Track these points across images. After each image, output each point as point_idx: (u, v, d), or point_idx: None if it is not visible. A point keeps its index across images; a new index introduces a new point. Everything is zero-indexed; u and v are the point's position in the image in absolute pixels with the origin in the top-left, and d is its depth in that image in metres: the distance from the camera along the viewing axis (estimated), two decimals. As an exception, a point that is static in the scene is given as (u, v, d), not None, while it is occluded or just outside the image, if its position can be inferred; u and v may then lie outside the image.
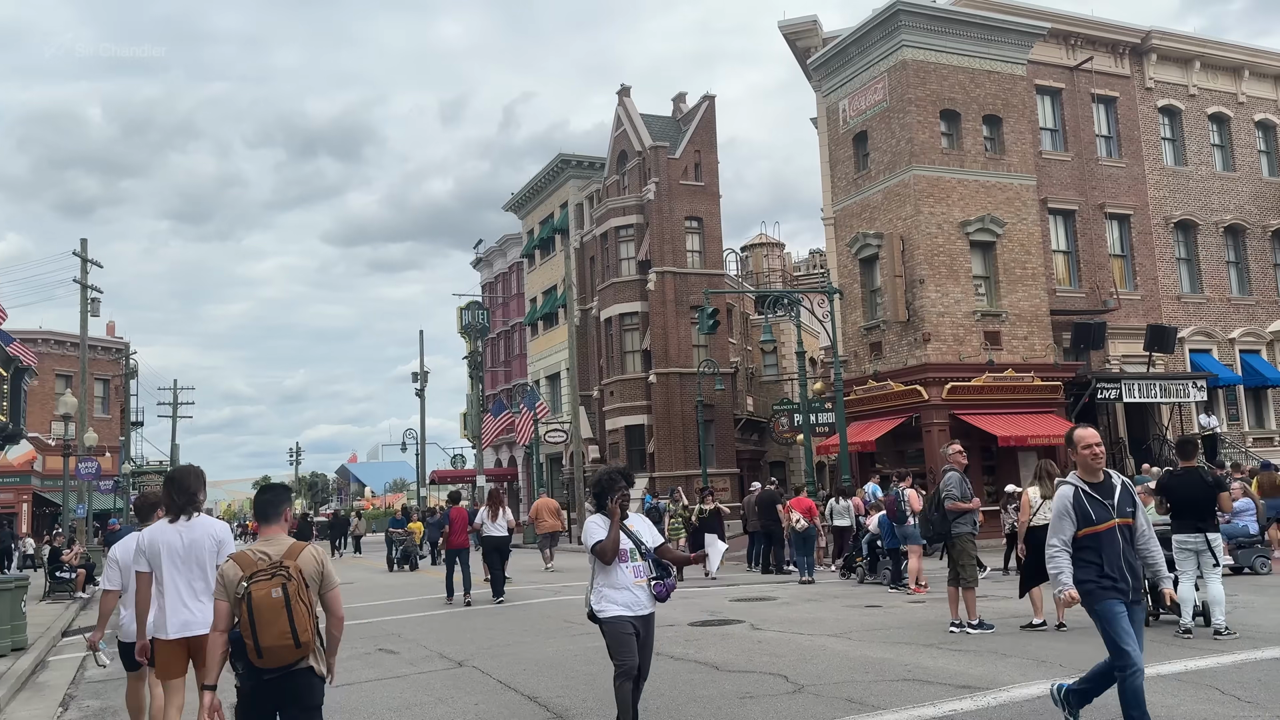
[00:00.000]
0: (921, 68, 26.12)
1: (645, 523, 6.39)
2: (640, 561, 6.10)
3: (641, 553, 6.12)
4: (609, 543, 5.99)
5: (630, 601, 6.03)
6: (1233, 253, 32.92)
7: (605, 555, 6.00)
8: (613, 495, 6.11)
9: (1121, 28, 31.28)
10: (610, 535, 6.01)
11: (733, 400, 40.86)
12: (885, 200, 26.47)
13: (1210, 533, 9.79)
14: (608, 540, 5.99)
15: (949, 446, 11.70)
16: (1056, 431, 24.84)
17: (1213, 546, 9.74)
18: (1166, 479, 10.33)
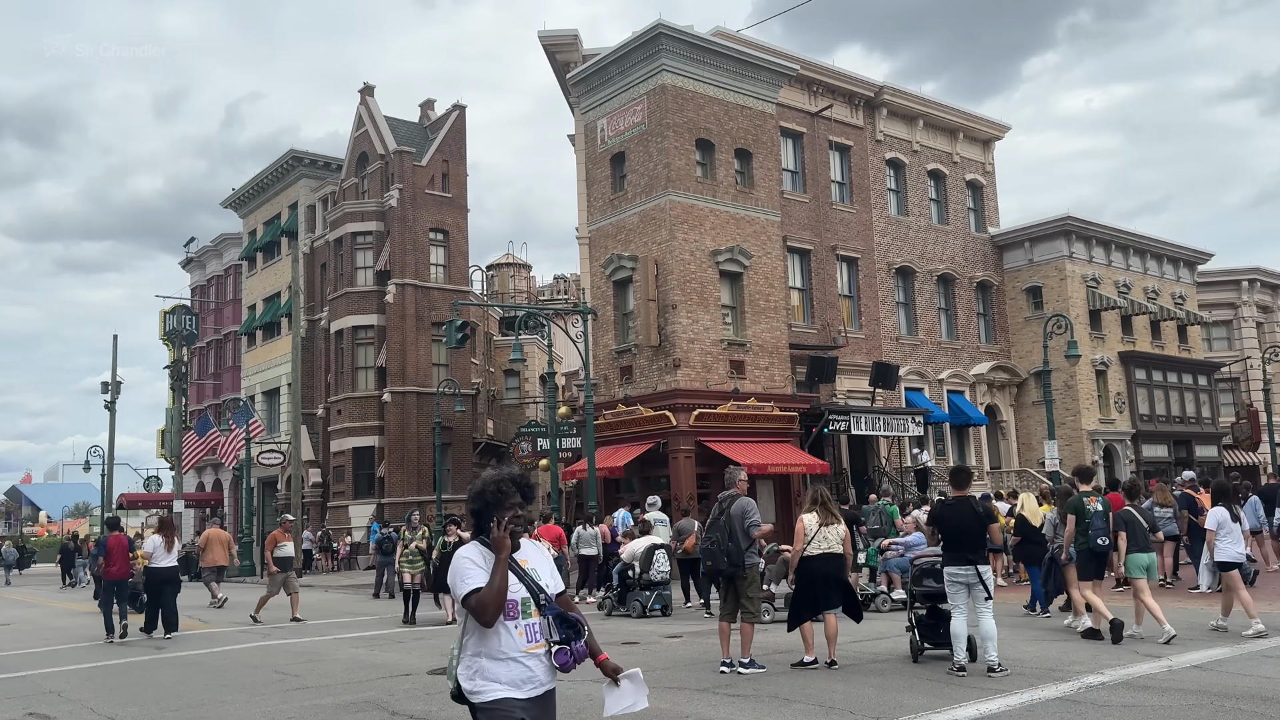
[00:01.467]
0: (680, 94, 26.12)
1: (542, 555, 4.19)
2: (537, 618, 3.97)
3: (540, 604, 3.97)
4: (492, 592, 3.78)
5: (520, 677, 3.94)
6: (943, 300, 35.74)
7: (485, 610, 3.79)
8: (500, 514, 3.90)
9: (858, 80, 33.21)
10: (495, 580, 3.81)
11: (472, 423, 39.12)
12: (641, 223, 26.13)
13: (981, 565, 9.58)
14: (490, 588, 3.79)
15: (738, 473, 10.92)
16: (793, 461, 25.40)
17: (984, 579, 9.53)
18: (939, 509, 10.08)
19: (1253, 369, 45.40)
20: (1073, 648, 11.14)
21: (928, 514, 10.43)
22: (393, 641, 14.46)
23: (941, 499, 10.56)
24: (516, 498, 3.91)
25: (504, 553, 3.75)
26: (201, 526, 49.55)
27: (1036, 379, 36.80)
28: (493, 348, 45.29)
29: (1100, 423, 36.96)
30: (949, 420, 33.99)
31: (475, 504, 3.99)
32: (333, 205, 41.55)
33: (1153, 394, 39.52)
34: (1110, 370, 37.82)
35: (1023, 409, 37.25)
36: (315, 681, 10.90)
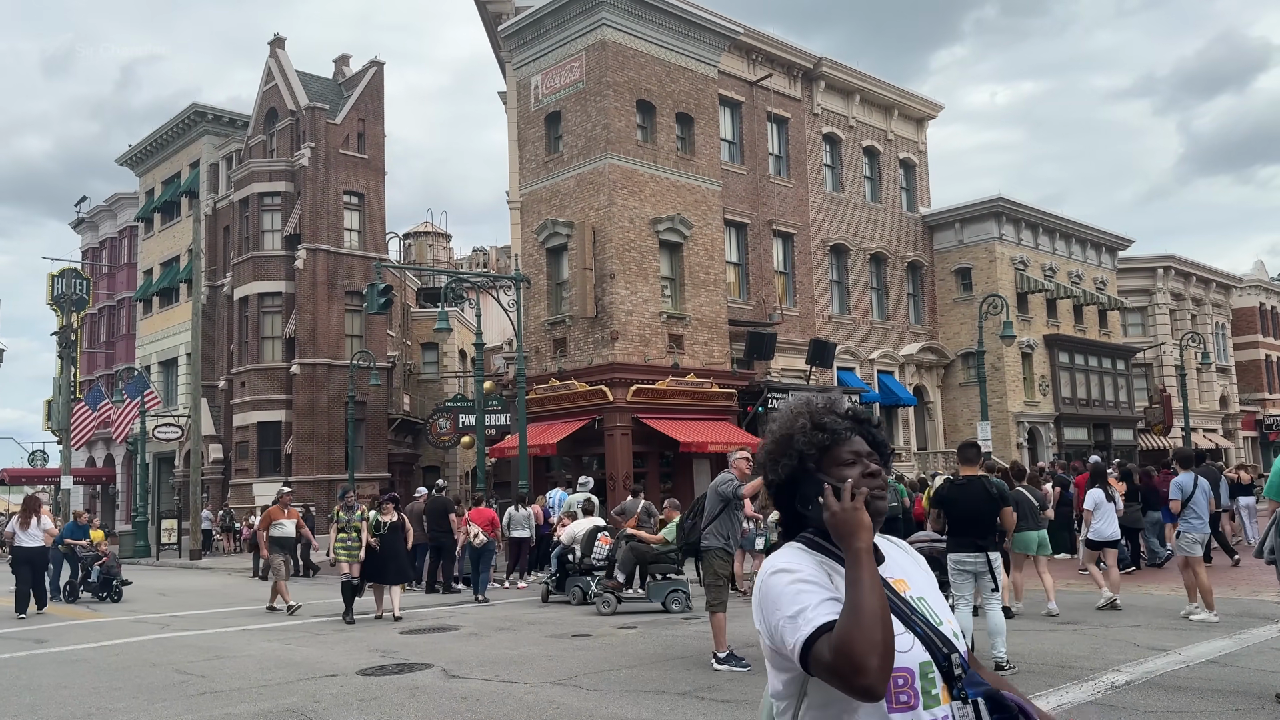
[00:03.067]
0: (621, 51, 24.77)
1: (924, 573, 2.14)
2: (947, 706, 1.85)
3: (951, 672, 1.87)
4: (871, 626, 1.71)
5: None
6: (875, 279, 35.29)
7: (865, 668, 1.68)
8: (834, 467, 1.98)
9: (797, 50, 32.33)
10: (865, 601, 1.73)
11: (388, 398, 37.20)
12: (578, 187, 24.75)
13: (991, 551, 8.65)
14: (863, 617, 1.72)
15: (735, 453, 9.80)
16: (733, 439, 24.45)
17: (993, 568, 8.61)
18: (946, 489, 9.08)
19: (1165, 354, 46.49)
20: (1065, 640, 10.38)
21: (933, 494, 9.43)
22: (310, 634, 12.95)
23: (950, 478, 9.59)
24: (858, 441, 1.99)
25: (865, 542, 1.78)
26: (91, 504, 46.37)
27: (964, 360, 36.79)
28: (410, 320, 43.30)
29: (1025, 405, 37.14)
30: (879, 400, 33.59)
31: (778, 460, 2.01)
32: (238, 164, 38.92)
33: (1074, 377, 39.96)
34: (1035, 353, 38.04)
35: (950, 390, 37.19)
36: (225, 684, 9.41)
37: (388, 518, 14.15)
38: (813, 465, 1.97)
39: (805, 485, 1.98)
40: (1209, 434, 48.65)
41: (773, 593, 1.84)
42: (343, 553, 14.18)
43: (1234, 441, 51.82)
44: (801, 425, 2.00)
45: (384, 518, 14.11)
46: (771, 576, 1.87)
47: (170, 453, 40.37)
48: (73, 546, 19.00)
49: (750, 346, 26.34)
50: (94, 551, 19.19)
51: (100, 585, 18.68)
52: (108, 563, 18.90)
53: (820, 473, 1.96)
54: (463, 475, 43.39)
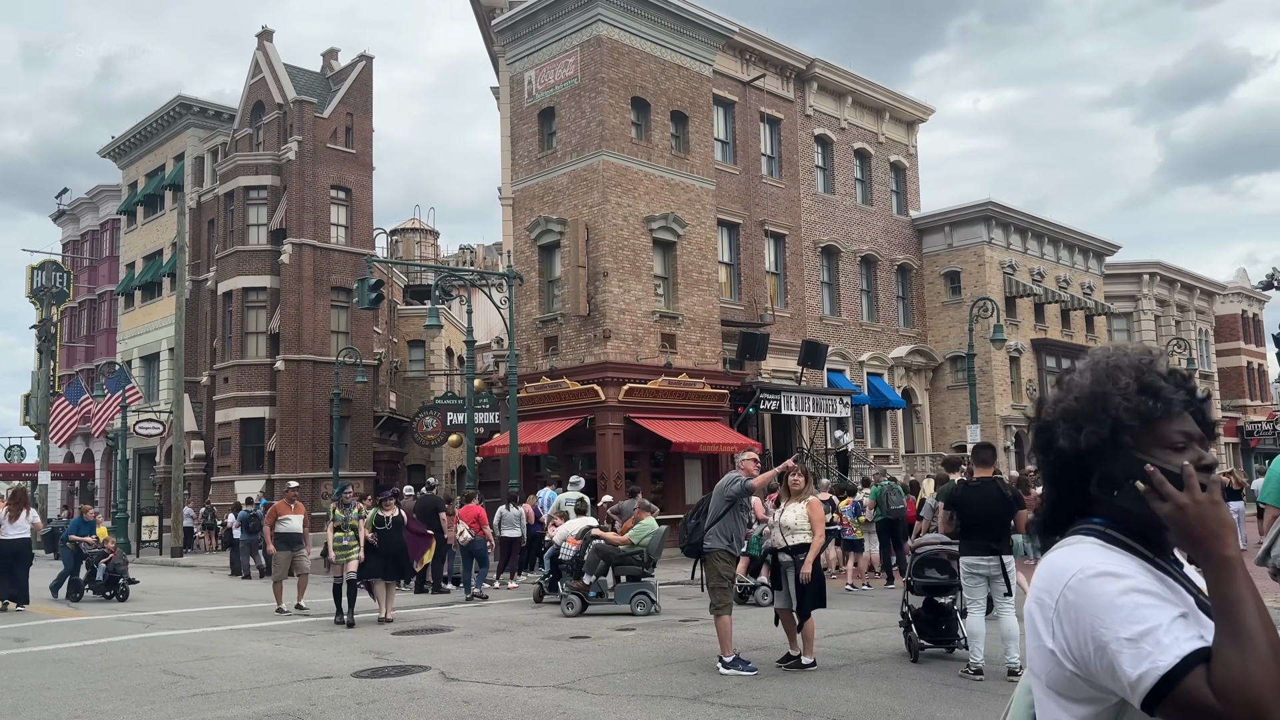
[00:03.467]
0: (616, 48, 24.57)
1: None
2: None
3: None
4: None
5: None
6: (865, 281, 35.24)
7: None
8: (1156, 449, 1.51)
9: (790, 51, 32.22)
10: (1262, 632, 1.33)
11: (373, 396, 36.82)
12: (571, 184, 24.52)
13: (1005, 555, 8.50)
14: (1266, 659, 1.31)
15: (744, 454, 9.60)
16: (725, 440, 24.32)
17: (1007, 571, 8.45)
18: (960, 491, 8.91)
19: (1149, 361, 46.63)
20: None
21: (947, 496, 9.27)
22: (300, 634, 12.67)
23: (963, 479, 9.43)
24: (1189, 420, 1.55)
25: (1234, 548, 1.41)
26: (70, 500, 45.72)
27: (952, 364, 36.81)
28: (396, 317, 42.92)
29: (1012, 409, 37.18)
30: (869, 402, 33.54)
31: (1080, 425, 1.56)
32: (224, 157, 38.44)
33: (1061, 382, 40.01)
34: (1023, 357, 38.10)
35: (938, 393, 37.19)
36: (215, 685, 9.14)
37: (389, 513, 13.64)
38: (1129, 439, 1.49)
39: (1114, 463, 1.49)
40: (1192, 440, 48.91)
41: (1097, 602, 1.39)
42: (340, 553, 13.53)
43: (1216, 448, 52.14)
44: (1124, 385, 1.51)
45: (385, 513, 13.62)
46: (1092, 580, 1.42)
47: (151, 449, 39.82)
48: (79, 544, 18.48)
49: (742, 347, 26.18)
50: (100, 549, 18.53)
51: (106, 584, 18.05)
52: (114, 560, 18.19)
53: (1138, 451, 1.48)
54: (449, 474, 43.03)
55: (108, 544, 18.98)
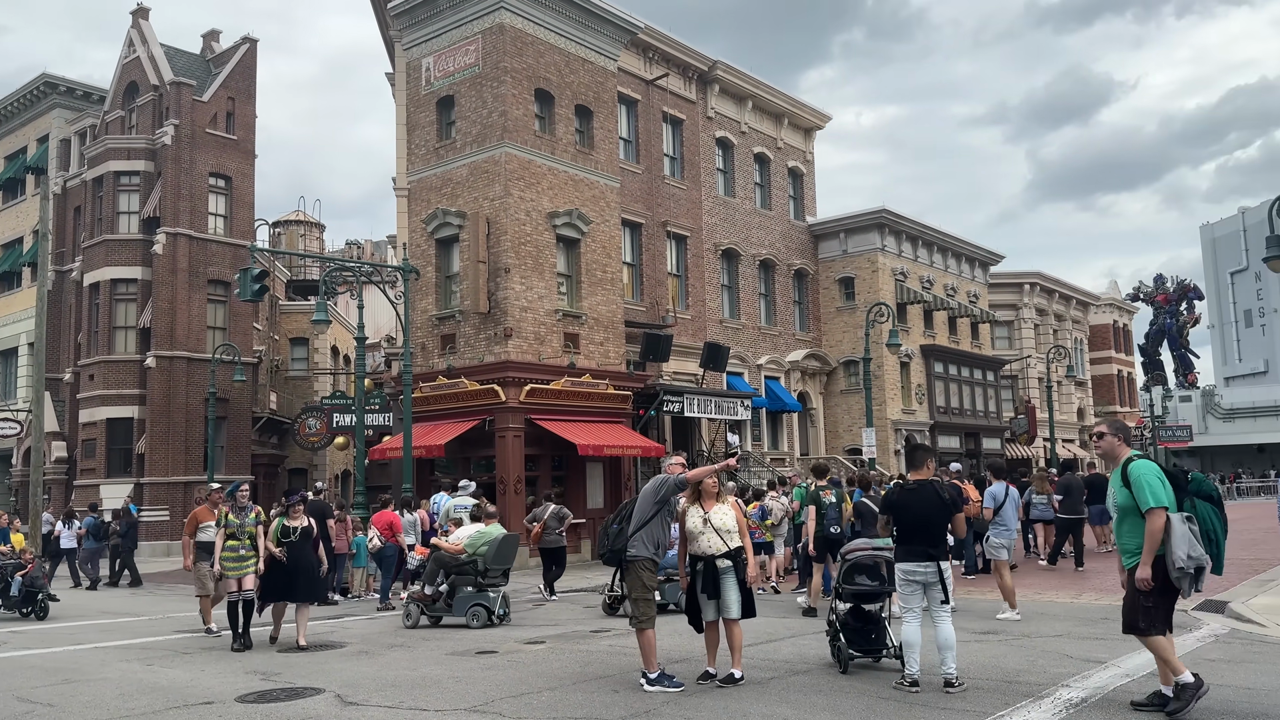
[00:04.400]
0: (520, 37, 23.81)
1: None
2: None
3: None
4: None
5: None
6: (764, 285, 35.35)
7: None
8: None
9: (693, 52, 32.04)
10: None
11: (252, 396, 34.92)
12: (471, 176, 23.61)
13: (942, 560, 8.19)
14: None
15: (671, 457, 9.07)
16: (629, 442, 23.82)
17: (945, 578, 8.14)
18: (896, 494, 8.56)
19: (1030, 367, 48.47)
20: (995, 652, 10.10)
21: (883, 499, 8.91)
22: (174, 653, 11.54)
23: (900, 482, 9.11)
24: None
25: None
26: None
27: (846, 368, 37.30)
28: (278, 313, 40.90)
29: (903, 413, 37.90)
30: (766, 405, 33.61)
31: None
32: (93, 140, 35.92)
33: (949, 387, 41.10)
34: (913, 363, 38.90)
35: (832, 396, 37.61)
36: (78, 713, 8.11)
37: (297, 522, 11.64)
38: None
39: None
40: (1067, 444, 51.00)
41: None
42: (231, 564, 11.64)
43: (1088, 452, 54.58)
44: None
45: (293, 522, 11.62)
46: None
47: (8, 450, 36.91)
48: None
49: (646, 348, 25.75)
50: (16, 560, 16.28)
51: (22, 600, 15.79)
52: (31, 573, 15.88)
53: None
54: (333, 478, 41.27)
55: (25, 554, 16.83)
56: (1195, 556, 6.70)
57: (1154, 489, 6.83)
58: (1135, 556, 6.93)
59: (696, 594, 8.58)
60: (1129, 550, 7.03)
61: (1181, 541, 6.70)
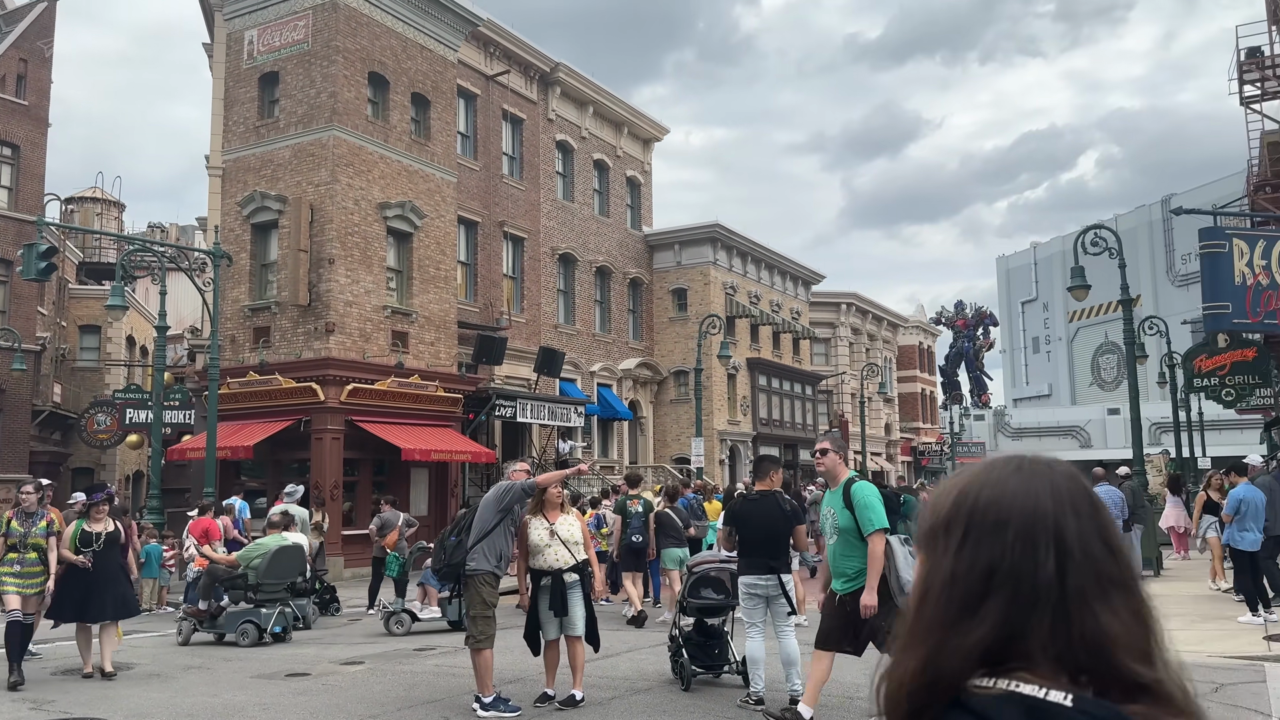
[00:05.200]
0: (354, 16, 22.52)
1: None
2: None
3: None
4: None
5: None
6: (599, 292, 35.11)
7: None
8: None
9: (536, 52, 31.46)
10: None
11: (34, 387, 31.51)
12: (295, 159, 22.09)
13: (784, 573, 7.96)
14: None
15: (515, 464, 8.44)
16: (457, 447, 22.89)
17: (788, 591, 7.92)
18: (739, 505, 8.31)
19: (845, 383, 50.50)
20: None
21: (725, 511, 8.62)
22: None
23: (742, 493, 8.84)
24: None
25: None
26: None
27: (676, 378, 37.57)
28: (67, 298, 37.26)
29: (728, 424, 38.55)
30: (598, 413, 33.33)
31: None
32: None
33: (771, 399, 42.17)
34: (739, 375, 39.65)
35: (661, 406, 37.79)
36: None
37: (100, 526, 9.84)
38: None
39: None
40: (874, 457, 53.47)
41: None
42: (11, 581, 9.41)
43: (894, 465, 57.48)
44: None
45: (95, 527, 9.82)
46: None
47: None
48: None
49: (479, 350, 24.89)
50: None
51: None
52: None
53: None
54: (123, 479, 37.94)
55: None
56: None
57: (877, 512, 6.68)
58: (851, 581, 6.74)
59: (539, 612, 8.01)
60: (843, 573, 6.81)
61: (904, 564, 6.53)
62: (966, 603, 1.04)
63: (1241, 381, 24.42)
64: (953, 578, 1.06)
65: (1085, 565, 1.04)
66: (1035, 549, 1.04)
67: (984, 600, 1.04)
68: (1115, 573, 1.05)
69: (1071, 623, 1.01)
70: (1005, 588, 1.04)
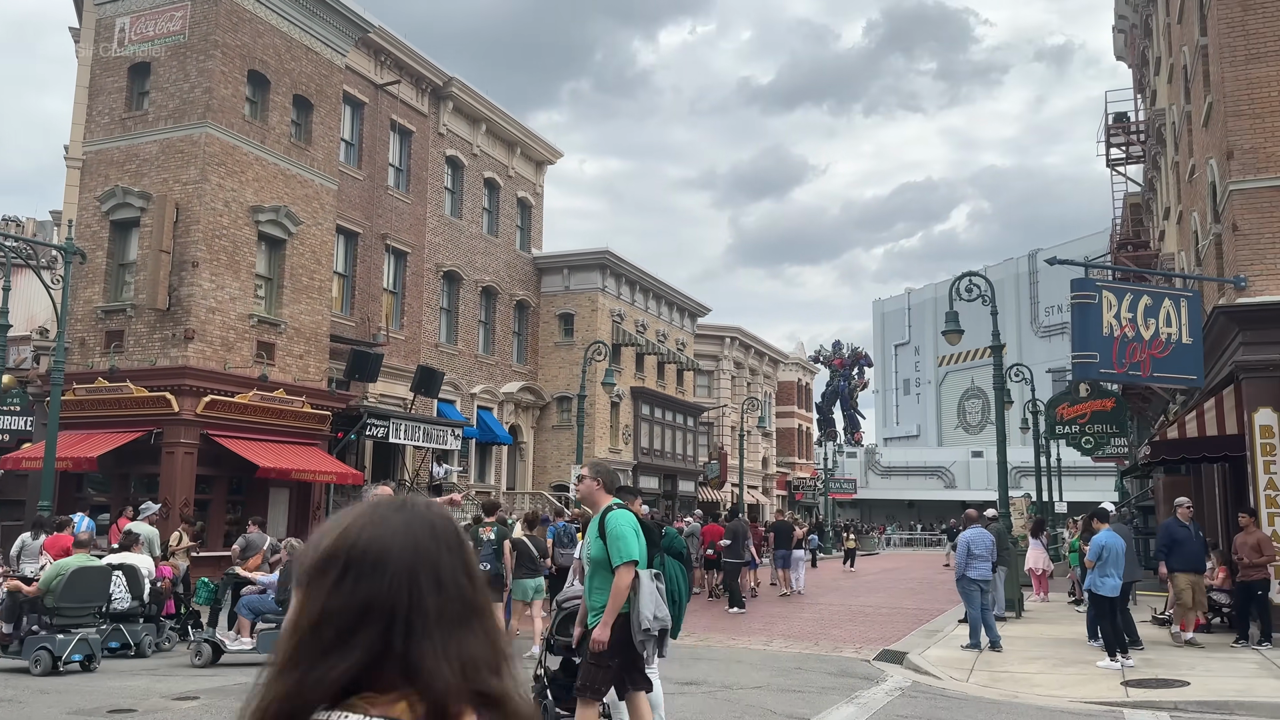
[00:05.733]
0: (236, 11, 21.47)
1: None
2: None
3: None
4: None
5: None
6: (484, 313, 34.39)
7: None
8: None
9: (429, 64, 30.77)
10: None
11: None
12: (163, 154, 20.80)
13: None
14: None
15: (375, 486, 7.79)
16: (322, 467, 21.80)
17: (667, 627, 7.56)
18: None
19: (725, 416, 50.93)
20: (700, 706, 9.74)
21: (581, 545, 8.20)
22: None
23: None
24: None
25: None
26: None
27: (559, 404, 37.09)
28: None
29: (609, 452, 38.21)
30: (477, 436, 32.52)
31: None
32: None
33: (653, 429, 42.09)
34: (623, 403, 39.44)
35: (543, 432, 37.21)
36: None
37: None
38: None
39: None
40: (751, 490, 54.06)
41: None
42: None
43: (770, 499, 58.21)
44: None
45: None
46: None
47: None
48: None
49: (352, 366, 23.89)
50: None
51: None
52: None
53: None
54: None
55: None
56: (660, 617, 6.18)
57: (627, 542, 6.17)
58: (599, 615, 6.27)
59: None
60: (595, 608, 6.32)
61: (649, 600, 6.15)
62: (339, 635, 1.09)
63: (1100, 430, 25.55)
64: (327, 612, 1.10)
65: (457, 596, 1.16)
66: (416, 583, 1.13)
67: (355, 633, 1.10)
68: (477, 601, 1.18)
69: (448, 647, 1.11)
70: (378, 622, 1.10)
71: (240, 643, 12.26)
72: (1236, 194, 13.45)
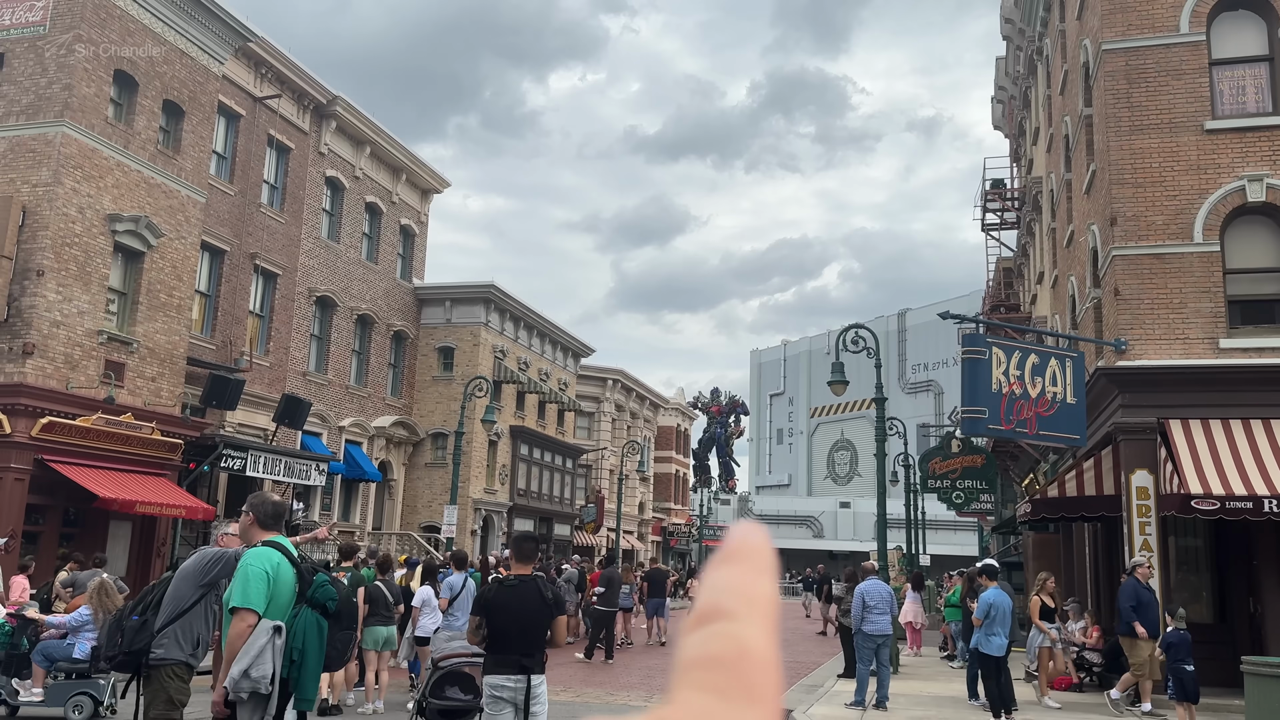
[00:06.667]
0: (105, 7, 20.00)
1: None
2: None
3: None
4: None
5: None
6: (359, 342, 32.95)
7: None
8: None
9: (313, 81, 29.54)
10: None
11: None
12: (11, 152, 19.02)
13: (535, 674, 6.86)
14: None
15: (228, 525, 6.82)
16: (170, 500, 20.09)
17: (533, 695, 6.82)
18: (494, 591, 7.12)
19: (604, 459, 50.31)
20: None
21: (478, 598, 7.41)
22: None
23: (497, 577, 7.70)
24: None
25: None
26: None
27: (434, 440, 35.76)
28: None
29: (485, 492, 37.03)
30: (344, 472, 30.90)
31: None
32: None
33: (530, 470, 41.08)
34: (501, 442, 38.38)
35: (415, 469, 35.77)
36: None
37: None
38: None
39: None
40: (626, 534, 53.45)
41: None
42: None
43: (645, 544, 57.70)
44: None
45: None
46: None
47: None
48: None
49: (210, 392, 22.25)
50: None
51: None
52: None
53: None
54: None
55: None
56: (255, 677, 5.44)
57: (247, 584, 5.54)
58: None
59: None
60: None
61: (246, 655, 5.44)
62: None
63: (970, 486, 26.08)
64: None
65: None
66: None
67: None
68: None
69: None
70: None
71: (30, 694, 10.83)
72: (1119, 259, 13.86)
